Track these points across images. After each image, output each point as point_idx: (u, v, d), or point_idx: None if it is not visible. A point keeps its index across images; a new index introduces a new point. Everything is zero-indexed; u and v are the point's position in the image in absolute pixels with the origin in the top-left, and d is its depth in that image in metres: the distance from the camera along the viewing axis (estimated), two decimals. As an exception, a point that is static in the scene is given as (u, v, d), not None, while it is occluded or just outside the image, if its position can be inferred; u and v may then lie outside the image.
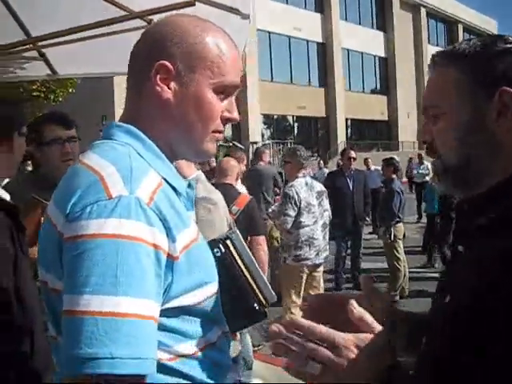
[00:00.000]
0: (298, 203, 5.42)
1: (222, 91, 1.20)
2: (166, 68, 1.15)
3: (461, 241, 1.11)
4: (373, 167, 13.95)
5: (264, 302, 1.40)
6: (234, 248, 1.39)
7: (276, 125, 32.15)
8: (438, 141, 1.12)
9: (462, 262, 1.06)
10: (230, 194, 4.11)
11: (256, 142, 26.92)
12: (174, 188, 1.16)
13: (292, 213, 5.40)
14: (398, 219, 7.63)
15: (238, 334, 3.15)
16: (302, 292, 5.46)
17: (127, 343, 0.93)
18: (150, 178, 1.08)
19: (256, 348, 5.24)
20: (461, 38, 46.74)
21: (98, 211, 0.98)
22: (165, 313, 1.04)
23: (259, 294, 1.39)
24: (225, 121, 1.24)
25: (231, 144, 25.07)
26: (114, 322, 0.92)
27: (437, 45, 44.28)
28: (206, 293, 1.13)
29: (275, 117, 31.76)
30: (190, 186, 1.27)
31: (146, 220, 1.01)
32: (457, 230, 1.20)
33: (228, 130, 27.62)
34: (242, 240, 1.44)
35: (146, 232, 1.00)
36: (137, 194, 1.02)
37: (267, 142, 28.54)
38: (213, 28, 1.22)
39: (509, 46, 1.06)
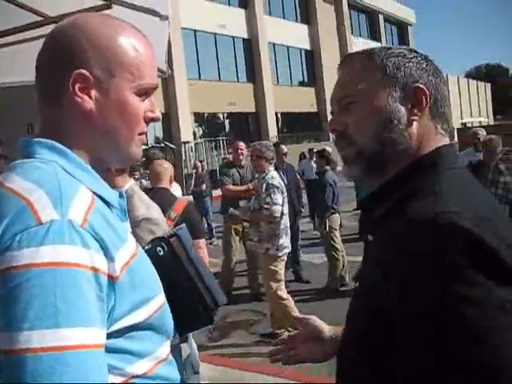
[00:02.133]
0: (283, 192, 5.77)
1: (143, 93, 1.17)
2: (83, 77, 1.10)
3: (368, 230, 1.21)
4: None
5: (212, 306, 1.36)
6: (181, 246, 1.35)
7: (207, 123, 32.00)
8: (353, 129, 1.17)
9: (369, 250, 1.17)
10: (166, 199, 4.08)
11: (188, 142, 26.74)
12: (105, 201, 1.12)
13: (281, 202, 5.70)
14: (332, 211, 7.76)
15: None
16: (283, 276, 5.82)
17: (76, 377, 0.88)
18: (81, 196, 1.03)
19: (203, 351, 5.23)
20: (382, 28, 47.96)
21: (28, 239, 0.92)
22: (112, 335, 1.00)
23: (206, 296, 1.35)
24: (148, 121, 1.21)
25: (163, 145, 24.93)
26: (59, 357, 0.87)
27: (359, 35, 45.33)
28: (152, 307, 1.10)
29: (206, 115, 31.60)
30: (121, 195, 1.22)
31: (82, 243, 0.96)
32: (364, 221, 1.30)
33: (159, 131, 27.29)
34: (190, 238, 1.40)
35: (83, 256, 0.95)
36: (69, 217, 0.97)
37: (199, 140, 28.41)
38: (125, 27, 1.17)
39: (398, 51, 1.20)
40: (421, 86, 1.15)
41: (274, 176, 5.81)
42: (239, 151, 7.81)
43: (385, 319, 0.96)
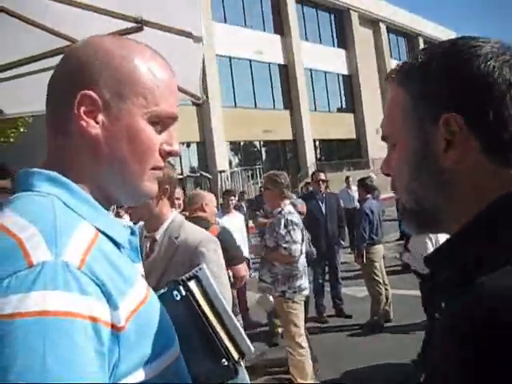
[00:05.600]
0: (302, 229, 5.45)
1: (159, 122, 1.08)
2: (90, 99, 1.02)
3: (431, 302, 1.01)
4: (353, 187, 14.00)
5: (237, 357, 1.24)
6: (201, 289, 1.24)
7: (243, 151, 32.16)
8: (394, 176, 1.00)
9: (434, 331, 0.90)
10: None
11: (224, 171, 26.89)
12: (112, 239, 1.02)
13: (300, 239, 5.36)
14: (370, 241, 7.58)
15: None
16: (303, 321, 5.48)
17: None
18: (80, 233, 0.94)
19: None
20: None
21: (17, 284, 0.83)
22: None
23: (230, 346, 1.23)
24: (165, 155, 1.11)
25: (199, 174, 25.14)
26: None
27: (399, 59, 45.16)
28: (164, 362, 1.00)
29: (242, 143, 31.78)
30: (132, 232, 1.12)
31: (79, 288, 0.87)
32: (427, 286, 1.09)
33: (194, 160, 27.53)
34: (211, 279, 1.29)
35: (80, 303, 0.86)
36: (64, 258, 0.88)
37: (235, 169, 28.52)
38: (142, 49, 1.09)
39: (475, 49, 0.89)
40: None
41: (291, 211, 5.44)
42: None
43: None
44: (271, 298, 5.42)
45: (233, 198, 8.48)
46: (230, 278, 5.57)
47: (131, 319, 0.94)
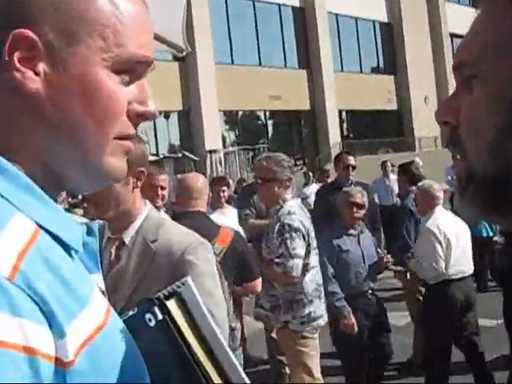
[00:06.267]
0: (306, 237, 5.13)
1: (125, 70, 1.05)
2: (27, 40, 0.98)
3: None
4: (392, 175, 13.93)
5: None
6: (184, 312, 1.23)
7: (242, 124, 32.22)
8: (464, 126, 0.92)
9: None
10: (205, 228, 4.04)
11: (215, 151, 26.96)
12: (59, 240, 0.99)
13: (302, 252, 5.06)
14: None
15: None
16: (318, 365, 5.25)
17: None
18: (12, 229, 0.91)
19: None
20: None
21: None
22: None
23: (219, 380, 1.23)
24: (135, 117, 1.08)
25: (180, 155, 25.16)
26: None
27: (458, 2, 45.08)
28: None
29: (240, 113, 31.83)
30: (89, 232, 1.10)
31: (8, 307, 0.84)
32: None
33: (175, 136, 27.55)
34: (198, 297, 1.29)
35: (10, 328, 0.83)
36: None
37: (231, 149, 28.57)
38: None
39: None
40: None
41: (292, 210, 5.12)
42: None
43: None
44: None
45: (225, 188, 8.43)
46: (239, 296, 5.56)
47: (83, 351, 0.93)
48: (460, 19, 41.01)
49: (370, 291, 6.17)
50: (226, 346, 1.27)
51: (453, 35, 41.88)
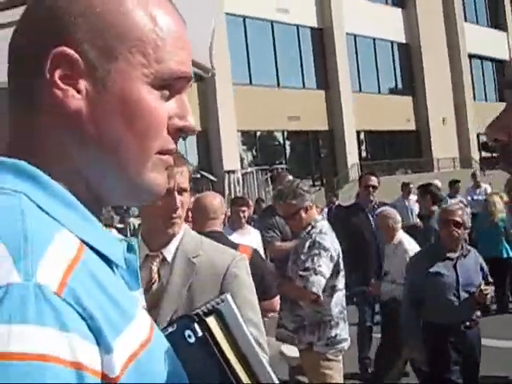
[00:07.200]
0: (335, 258, 5.10)
1: (166, 86, 1.05)
2: (68, 58, 0.98)
3: None
4: (412, 196, 13.91)
5: None
6: (223, 328, 1.22)
7: (260, 145, 32.31)
8: None
9: None
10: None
11: (233, 171, 27.01)
12: (103, 256, 0.99)
13: (327, 272, 5.00)
14: None
15: None
16: None
17: None
18: (59, 245, 0.91)
19: None
20: (508, 12, 47.73)
21: None
22: None
23: None
24: (175, 132, 1.08)
25: (198, 175, 25.24)
26: None
27: (476, 22, 45.15)
28: None
29: (258, 134, 31.92)
30: (130, 248, 1.09)
31: (57, 322, 0.84)
32: None
33: (193, 156, 27.64)
34: (237, 312, 1.27)
35: (58, 343, 0.83)
36: (37, 278, 0.84)
37: (249, 169, 28.61)
38: None
39: None
40: None
41: (324, 230, 5.14)
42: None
43: None
44: (296, 349, 5.27)
45: (245, 208, 8.42)
46: None
47: (129, 367, 0.93)
48: (479, 40, 41.16)
49: (464, 324, 5.68)
50: (266, 364, 1.26)
51: (471, 56, 41.95)
